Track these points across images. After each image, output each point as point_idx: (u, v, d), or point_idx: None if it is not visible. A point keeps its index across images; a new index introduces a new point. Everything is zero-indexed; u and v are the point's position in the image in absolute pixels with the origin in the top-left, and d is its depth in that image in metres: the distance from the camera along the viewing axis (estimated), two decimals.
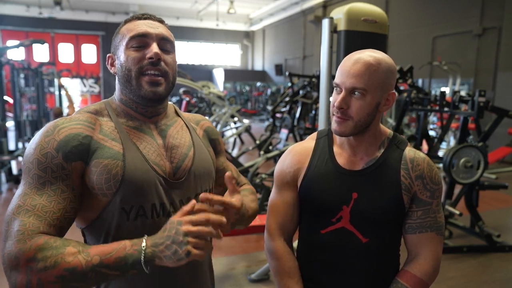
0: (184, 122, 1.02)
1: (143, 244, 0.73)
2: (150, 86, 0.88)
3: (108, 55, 0.95)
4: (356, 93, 0.95)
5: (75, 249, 0.72)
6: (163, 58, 0.89)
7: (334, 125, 1.00)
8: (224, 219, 0.76)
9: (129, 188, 0.84)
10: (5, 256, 0.71)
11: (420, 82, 9.68)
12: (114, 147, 0.85)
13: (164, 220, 0.82)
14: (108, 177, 0.82)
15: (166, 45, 0.91)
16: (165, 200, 0.89)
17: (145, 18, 0.92)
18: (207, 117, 8.36)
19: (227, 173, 0.88)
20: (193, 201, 0.78)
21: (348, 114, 0.97)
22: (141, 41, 0.88)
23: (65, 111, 9.19)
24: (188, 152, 0.96)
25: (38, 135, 0.83)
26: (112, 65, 0.94)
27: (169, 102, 1.03)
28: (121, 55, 0.90)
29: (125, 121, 0.92)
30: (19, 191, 0.79)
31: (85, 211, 0.86)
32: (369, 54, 0.96)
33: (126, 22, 0.93)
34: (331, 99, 2.74)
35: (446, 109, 4.05)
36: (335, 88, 1.00)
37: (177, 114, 1.04)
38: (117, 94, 0.95)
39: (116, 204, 0.84)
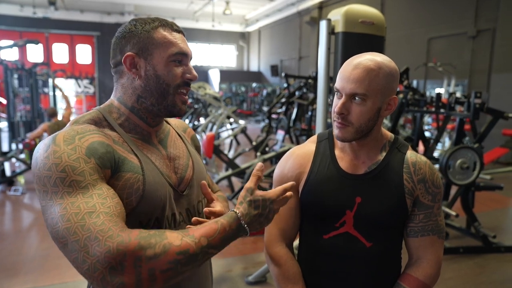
0: (175, 131, 1.02)
1: (243, 222, 0.77)
2: (182, 105, 0.90)
3: (128, 53, 0.85)
4: (356, 98, 0.94)
5: (174, 233, 0.69)
6: None
7: (335, 131, 0.99)
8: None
9: (149, 202, 0.82)
10: (102, 257, 0.63)
11: (415, 83, 9.73)
12: (133, 160, 0.82)
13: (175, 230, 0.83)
14: (130, 192, 0.79)
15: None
16: (176, 211, 0.89)
17: (177, 31, 0.90)
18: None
19: (203, 182, 0.95)
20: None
21: (349, 120, 0.96)
22: (181, 57, 0.88)
23: (60, 111, 9.13)
24: (188, 162, 0.96)
25: (51, 144, 0.74)
26: (134, 67, 0.86)
27: None
28: (159, 65, 0.85)
29: (128, 131, 0.88)
30: (56, 207, 0.69)
31: None
32: (369, 59, 0.94)
33: (158, 26, 0.86)
34: (329, 101, 2.70)
35: (442, 110, 4.07)
36: (335, 93, 0.99)
37: (166, 121, 1.03)
38: (127, 101, 0.88)
39: (134, 218, 0.80)
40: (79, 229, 0.66)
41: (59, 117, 5.54)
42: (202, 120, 9.47)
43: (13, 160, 6.11)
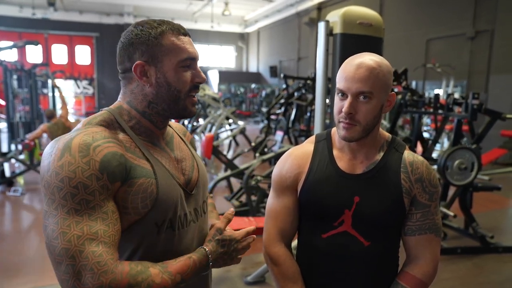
0: (177, 134, 1.03)
1: (209, 260, 0.89)
2: (192, 107, 0.92)
3: (138, 62, 0.84)
4: (362, 97, 0.96)
5: (156, 270, 0.78)
6: None
7: (342, 132, 0.99)
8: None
9: (163, 205, 0.84)
10: None
11: (414, 84, 9.75)
12: (145, 166, 0.84)
13: (186, 230, 0.90)
14: (144, 196, 0.81)
15: None
16: (186, 210, 0.92)
17: (184, 34, 0.89)
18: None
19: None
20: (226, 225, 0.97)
21: (356, 119, 0.97)
22: (189, 62, 0.89)
23: (58, 112, 9.12)
24: (193, 163, 0.99)
25: (66, 153, 0.74)
26: (145, 75, 0.86)
27: None
28: (169, 72, 0.86)
29: (138, 134, 0.89)
30: (59, 220, 0.72)
31: None
32: (369, 58, 0.97)
33: (166, 31, 0.85)
34: (327, 101, 2.70)
35: (440, 111, 4.09)
36: (338, 94, 1.00)
37: (169, 125, 1.04)
38: (138, 106, 0.88)
39: (149, 220, 0.83)
40: (77, 254, 0.70)
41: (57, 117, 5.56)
42: (201, 121, 9.47)
43: (13, 160, 6.11)
